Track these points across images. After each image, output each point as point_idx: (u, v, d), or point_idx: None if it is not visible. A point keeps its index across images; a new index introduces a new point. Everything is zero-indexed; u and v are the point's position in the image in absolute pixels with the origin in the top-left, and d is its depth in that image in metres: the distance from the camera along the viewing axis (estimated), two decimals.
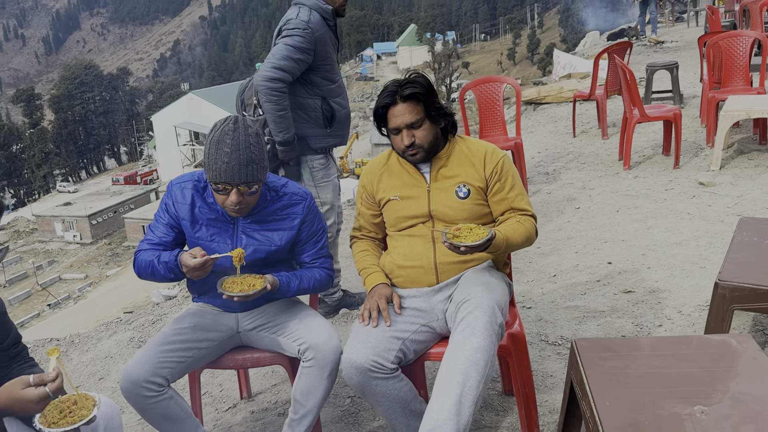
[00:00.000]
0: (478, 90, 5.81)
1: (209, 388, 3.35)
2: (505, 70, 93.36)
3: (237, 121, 2.19)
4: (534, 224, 2.44)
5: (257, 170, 2.19)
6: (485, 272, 2.37)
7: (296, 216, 2.39)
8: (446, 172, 2.41)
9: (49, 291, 39.12)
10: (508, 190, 2.40)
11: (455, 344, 2.07)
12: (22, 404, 1.61)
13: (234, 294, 2.13)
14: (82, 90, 75.85)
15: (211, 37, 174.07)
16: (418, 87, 2.32)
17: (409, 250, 2.41)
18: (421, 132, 2.34)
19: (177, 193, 2.38)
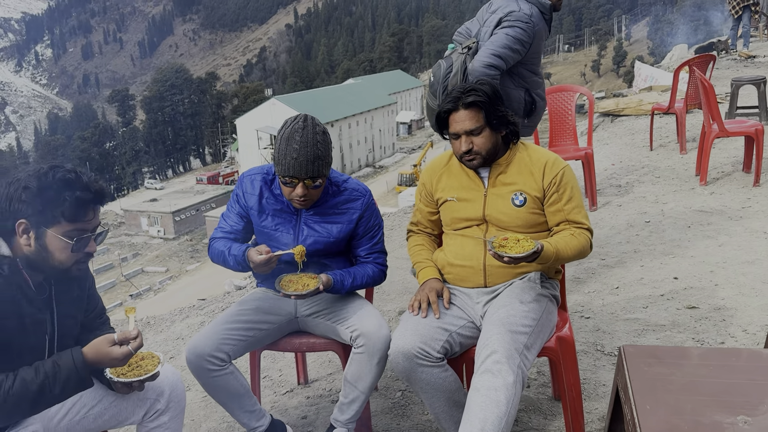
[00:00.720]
0: (549, 99, 5.78)
1: (269, 372, 3.52)
2: (589, 81, 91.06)
3: (306, 119, 2.34)
4: (588, 238, 2.43)
5: (322, 166, 2.33)
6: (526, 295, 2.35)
7: (355, 211, 2.52)
8: (504, 178, 2.44)
9: (132, 282, 41.25)
10: (565, 201, 2.41)
11: (475, 384, 2.07)
12: (110, 360, 1.79)
13: (290, 293, 2.27)
14: (172, 92, 79.72)
15: (296, 44, 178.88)
16: (480, 95, 2.35)
17: (461, 250, 2.48)
18: (480, 139, 2.38)
19: (247, 184, 2.55)
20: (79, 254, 1.87)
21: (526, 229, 2.42)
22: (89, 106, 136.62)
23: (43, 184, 1.78)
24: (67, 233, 1.82)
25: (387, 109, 69.67)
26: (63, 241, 1.82)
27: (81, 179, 1.83)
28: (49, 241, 1.82)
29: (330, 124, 58.27)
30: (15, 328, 1.78)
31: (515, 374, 2.04)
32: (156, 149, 78.39)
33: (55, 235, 1.81)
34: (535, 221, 2.44)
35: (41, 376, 1.72)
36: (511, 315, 2.21)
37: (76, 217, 1.82)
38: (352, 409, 2.49)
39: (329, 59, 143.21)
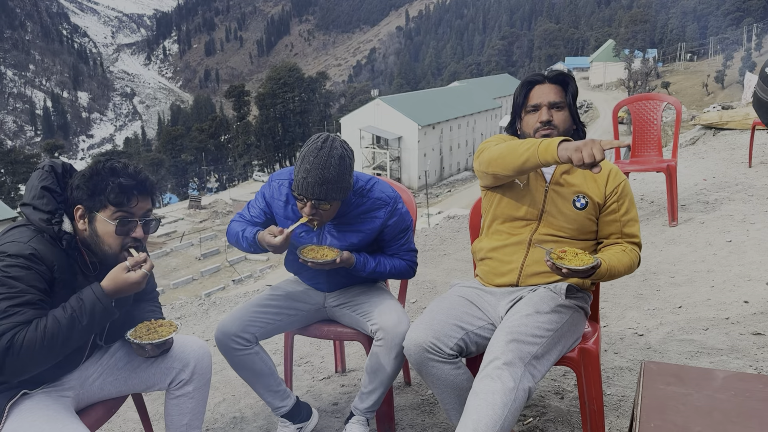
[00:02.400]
0: (634, 107, 5.57)
1: (312, 359, 3.66)
2: (711, 93, 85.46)
3: (326, 140, 2.29)
4: (638, 254, 2.38)
5: (331, 190, 2.28)
6: (545, 305, 2.26)
7: (378, 219, 2.50)
8: (569, 179, 2.41)
9: (235, 268, 43.27)
10: (623, 212, 2.38)
11: (474, 388, 2.05)
12: (129, 285, 1.94)
13: (308, 259, 2.33)
14: (284, 90, 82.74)
15: (405, 46, 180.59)
16: (566, 76, 2.41)
17: (501, 245, 2.47)
18: (561, 115, 2.38)
19: (275, 188, 2.58)
20: (126, 239, 2.04)
21: (578, 234, 2.39)
22: (208, 99, 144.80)
23: (94, 171, 2.00)
24: (113, 217, 2.01)
25: (491, 113, 68.81)
26: (108, 224, 2.01)
27: (127, 169, 2.03)
28: (98, 224, 2.01)
29: (431, 126, 58.36)
30: (68, 296, 1.96)
31: (516, 381, 2.02)
32: (266, 144, 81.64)
33: (103, 219, 2.00)
34: (589, 228, 2.41)
35: (69, 311, 1.89)
36: (521, 324, 2.17)
37: (120, 202, 2.00)
38: (371, 399, 2.56)
39: (437, 62, 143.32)
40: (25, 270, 1.87)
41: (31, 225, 1.98)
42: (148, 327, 2.10)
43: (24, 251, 1.89)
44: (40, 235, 1.96)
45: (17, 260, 1.87)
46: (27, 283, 1.87)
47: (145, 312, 2.30)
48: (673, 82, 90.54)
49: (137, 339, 2.04)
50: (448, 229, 6.48)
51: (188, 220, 55.31)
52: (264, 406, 3.11)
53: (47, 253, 1.93)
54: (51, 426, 1.91)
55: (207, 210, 57.86)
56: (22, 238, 1.93)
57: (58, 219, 1.99)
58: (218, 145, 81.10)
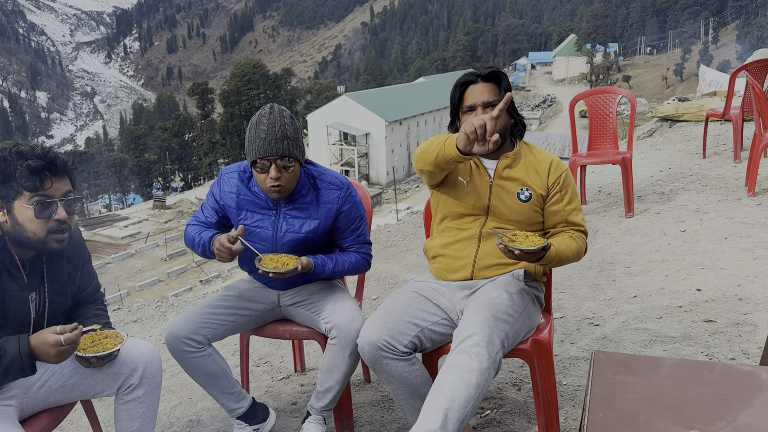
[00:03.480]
0: (590, 101, 5.64)
1: (271, 359, 3.62)
2: (671, 86, 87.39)
3: (273, 107, 2.38)
4: (585, 241, 2.43)
5: (292, 146, 2.34)
6: (512, 287, 2.34)
7: (333, 205, 2.51)
8: (511, 173, 2.43)
9: (202, 268, 42.74)
10: (566, 202, 2.43)
11: (449, 362, 2.05)
12: (44, 346, 1.85)
13: (269, 270, 2.30)
14: (249, 87, 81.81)
15: (370, 42, 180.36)
16: (499, 72, 2.42)
17: (452, 241, 2.49)
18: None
19: (225, 181, 2.56)
20: (50, 222, 1.96)
21: (525, 226, 2.43)
22: (171, 97, 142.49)
23: (1, 158, 1.91)
24: (30, 202, 1.93)
25: None
26: (27, 210, 1.93)
27: (34, 150, 1.94)
28: (17, 212, 1.93)
29: (398, 122, 58.44)
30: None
31: (490, 360, 2.03)
32: (231, 142, 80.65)
33: (20, 206, 1.93)
34: (535, 219, 2.44)
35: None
36: (497, 303, 2.21)
37: (34, 186, 1.92)
38: (327, 398, 2.54)
39: (402, 57, 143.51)
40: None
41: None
42: (92, 339, 2.02)
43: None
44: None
45: None
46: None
47: (89, 317, 2.24)
48: (633, 76, 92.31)
49: (80, 351, 1.97)
50: (411, 224, 6.49)
51: (153, 220, 54.39)
52: (221, 408, 3.06)
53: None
54: None
55: (172, 210, 56.96)
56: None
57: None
58: (182, 144, 79.89)
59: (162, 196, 63.19)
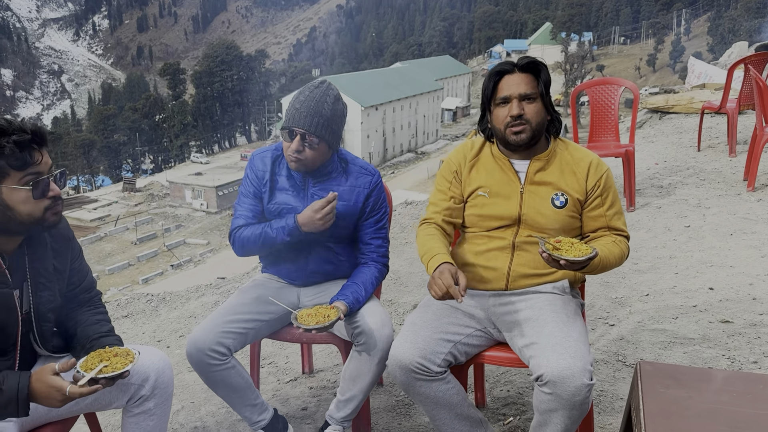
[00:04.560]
0: (592, 92, 5.54)
1: (276, 359, 3.45)
2: (643, 76, 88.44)
3: (324, 83, 2.32)
4: (628, 246, 2.25)
5: (322, 126, 2.26)
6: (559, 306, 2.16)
7: (363, 188, 2.43)
8: (544, 176, 2.23)
9: (173, 252, 42.15)
10: (607, 207, 2.23)
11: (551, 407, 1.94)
12: (48, 390, 1.67)
13: (312, 327, 2.12)
14: (222, 68, 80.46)
15: (346, 25, 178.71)
16: (538, 63, 2.19)
17: (485, 250, 2.28)
18: (533, 108, 2.16)
19: (258, 162, 2.46)
20: (45, 200, 1.78)
21: (561, 233, 2.22)
22: (142, 78, 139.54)
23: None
24: (21, 182, 1.73)
25: (433, 95, 69.03)
26: (21, 191, 1.73)
27: (12, 124, 1.72)
28: (7, 196, 1.72)
29: (374, 107, 58.10)
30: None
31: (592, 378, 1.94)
32: (204, 124, 79.35)
33: (11, 188, 1.72)
34: (572, 225, 2.25)
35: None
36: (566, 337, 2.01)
37: (24, 163, 1.72)
38: (349, 408, 2.39)
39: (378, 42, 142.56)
40: None
41: None
42: (101, 356, 1.79)
43: None
44: None
45: None
46: None
47: (90, 324, 2.04)
48: (607, 65, 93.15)
49: (87, 372, 1.76)
50: (408, 216, 6.34)
51: (122, 203, 53.35)
52: (227, 413, 2.90)
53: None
54: None
55: (142, 193, 55.93)
56: None
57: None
58: (153, 125, 78.33)
59: (132, 179, 61.97)
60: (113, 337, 2.03)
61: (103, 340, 1.98)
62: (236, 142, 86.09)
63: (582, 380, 1.88)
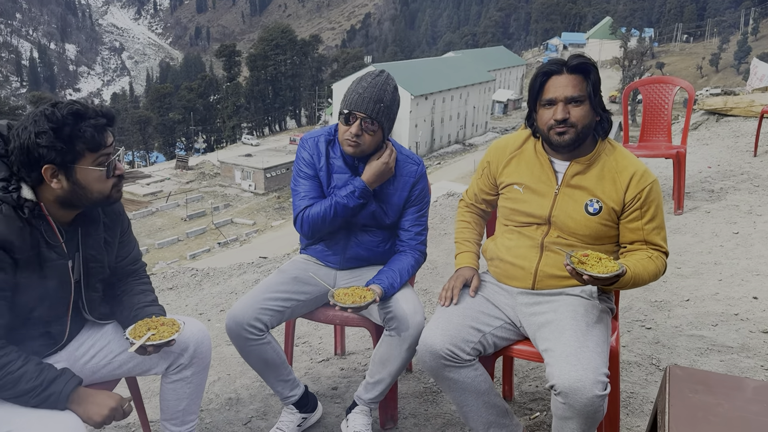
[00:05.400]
0: (646, 90, 5.42)
1: (310, 339, 3.54)
2: (705, 76, 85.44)
3: (383, 72, 2.39)
4: (665, 263, 2.18)
5: (382, 112, 2.32)
6: (581, 313, 2.14)
7: (409, 177, 2.48)
8: (581, 180, 2.18)
9: (221, 231, 43.08)
10: (646, 220, 2.15)
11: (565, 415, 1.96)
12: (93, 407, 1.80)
13: (348, 306, 2.18)
14: (276, 52, 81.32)
15: (401, 13, 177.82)
16: (588, 63, 2.13)
17: (515, 247, 2.29)
18: (579, 111, 2.10)
19: (311, 145, 2.50)
20: (113, 179, 1.89)
21: (593, 240, 2.19)
22: (198, 58, 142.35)
23: (58, 123, 1.76)
24: (95, 162, 1.83)
25: (484, 86, 68.26)
26: (96, 171, 1.82)
27: (89, 108, 1.81)
28: (81, 176, 1.81)
29: (424, 97, 57.85)
30: (35, 272, 1.82)
31: (605, 388, 1.92)
32: (256, 106, 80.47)
33: (86, 168, 1.81)
34: (605, 234, 2.20)
35: (34, 382, 1.75)
36: (582, 347, 2.00)
37: (99, 145, 1.82)
38: (377, 390, 2.44)
39: (432, 30, 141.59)
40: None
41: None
42: (148, 325, 1.92)
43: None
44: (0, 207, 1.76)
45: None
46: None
47: (135, 294, 2.15)
48: (667, 63, 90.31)
49: (137, 339, 1.88)
50: (448, 207, 6.35)
51: (175, 180, 54.77)
52: (260, 387, 3.00)
53: (7, 231, 1.74)
54: (37, 410, 1.78)
55: (194, 171, 57.27)
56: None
57: (14, 185, 1.78)
58: (207, 106, 79.90)
59: (185, 157, 63.52)
60: (157, 307, 2.13)
61: (147, 309, 2.08)
62: (286, 126, 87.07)
63: (593, 392, 1.88)
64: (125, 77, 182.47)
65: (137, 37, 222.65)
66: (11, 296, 1.79)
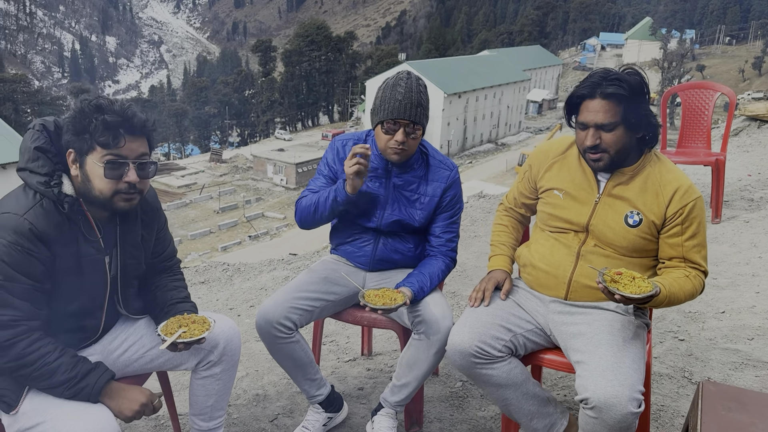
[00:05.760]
0: (685, 95, 5.30)
1: (337, 338, 3.55)
2: (747, 79, 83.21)
3: (410, 73, 2.37)
4: (703, 282, 2.13)
5: (422, 114, 2.34)
6: (617, 328, 2.10)
7: (441, 182, 2.47)
8: (623, 191, 2.15)
9: (252, 224, 43.52)
10: (687, 237, 2.11)
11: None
12: (125, 402, 1.85)
13: (378, 307, 2.19)
14: (311, 48, 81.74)
15: (436, 10, 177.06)
16: (623, 89, 2.04)
17: (549, 254, 2.27)
18: (610, 137, 2.07)
19: (339, 148, 2.52)
20: (119, 183, 1.85)
21: (630, 252, 2.16)
22: (235, 53, 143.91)
23: (79, 110, 1.81)
24: (102, 159, 1.83)
25: (519, 86, 67.58)
26: (97, 167, 1.83)
27: (113, 105, 1.83)
28: (89, 167, 1.84)
29: (457, 95, 57.53)
30: (72, 266, 1.86)
31: (639, 406, 1.89)
32: (289, 101, 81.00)
33: (92, 161, 1.83)
34: (643, 247, 2.16)
35: (69, 374, 1.80)
36: (618, 363, 1.97)
37: (107, 143, 1.82)
38: (403, 393, 2.45)
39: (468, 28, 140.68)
40: (20, 254, 1.75)
41: (30, 189, 1.83)
42: (179, 322, 1.97)
43: (21, 227, 1.74)
44: (40, 201, 1.80)
45: (12, 237, 1.74)
46: (20, 270, 1.75)
47: (168, 290, 2.19)
48: (708, 66, 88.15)
49: (168, 336, 1.92)
50: (479, 209, 6.31)
51: (209, 172, 55.48)
52: (288, 384, 3.02)
53: (47, 225, 1.78)
54: (71, 402, 1.82)
55: (228, 164, 57.93)
56: (19, 208, 1.77)
57: (57, 180, 1.83)
58: (242, 100, 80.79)
59: (219, 150, 64.31)
60: (189, 304, 2.17)
61: (179, 306, 2.12)
62: (319, 122, 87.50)
63: (628, 408, 1.85)
64: (163, 70, 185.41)
65: (176, 31, 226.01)
66: (50, 289, 1.84)
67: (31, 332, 1.78)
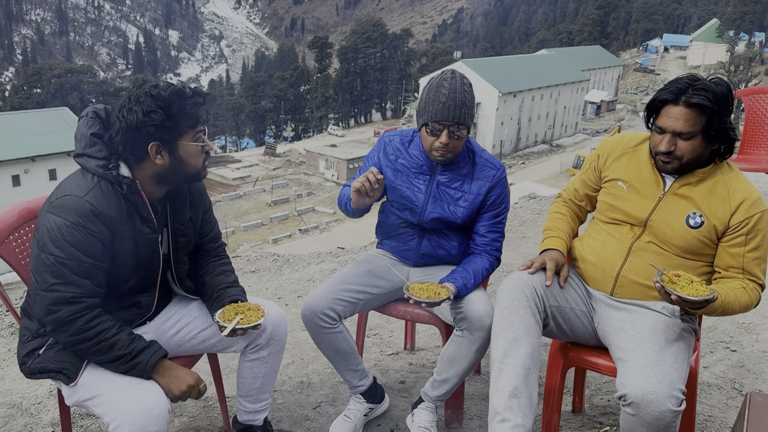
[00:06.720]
0: (749, 100, 5.12)
1: (381, 332, 3.61)
2: None
3: (454, 72, 2.37)
4: (759, 296, 2.10)
5: (467, 115, 2.33)
6: (660, 328, 2.08)
7: (486, 181, 2.46)
8: (689, 191, 2.14)
9: (302, 218, 44.16)
10: (750, 248, 2.08)
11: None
12: (175, 381, 1.93)
13: (423, 300, 2.22)
14: (367, 45, 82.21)
15: (494, 8, 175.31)
16: (708, 99, 2.00)
17: (600, 248, 2.27)
18: (686, 145, 2.06)
19: (386, 143, 2.58)
20: (204, 154, 2.02)
21: (684, 253, 2.14)
22: (292, 48, 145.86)
23: (165, 102, 1.89)
24: (193, 138, 1.97)
25: (577, 86, 66.25)
26: (194, 147, 1.97)
27: (186, 88, 1.95)
28: (183, 151, 1.96)
29: (512, 94, 56.84)
30: (129, 244, 1.97)
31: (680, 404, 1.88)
32: (343, 98, 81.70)
33: (186, 144, 1.95)
34: (699, 250, 2.13)
35: (125, 350, 1.90)
36: (658, 360, 1.95)
37: (197, 122, 1.96)
38: (443, 389, 2.48)
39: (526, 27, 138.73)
40: (82, 233, 1.84)
41: (88, 173, 1.93)
42: (236, 310, 2.07)
43: (82, 208, 1.85)
44: (99, 183, 1.91)
45: (74, 218, 1.84)
46: (82, 249, 1.85)
47: (216, 275, 2.27)
48: None
49: (226, 322, 2.02)
50: (529, 210, 6.26)
51: (262, 166, 56.56)
52: (331, 373, 3.09)
53: (106, 206, 1.89)
54: (126, 378, 1.93)
55: (281, 158, 58.90)
56: (79, 191, 1.88)
57: (114, 164, 1.93)
58: (297, 95, 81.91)
59: (273, 144, 65.42)
60: (238, 288, 2.26)
61: (229, 290, 2.21)
62: (371, 118, 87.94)
63: (667, 405, 1.83)
64: (222, 65, 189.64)
65: (236, 26, 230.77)
66: (108, 267, 1.95)
67: (91, 309, 1.89)
